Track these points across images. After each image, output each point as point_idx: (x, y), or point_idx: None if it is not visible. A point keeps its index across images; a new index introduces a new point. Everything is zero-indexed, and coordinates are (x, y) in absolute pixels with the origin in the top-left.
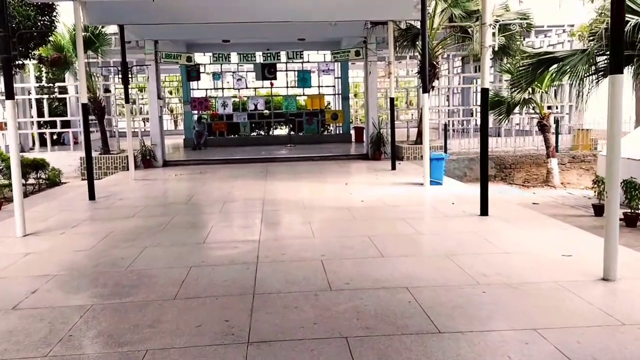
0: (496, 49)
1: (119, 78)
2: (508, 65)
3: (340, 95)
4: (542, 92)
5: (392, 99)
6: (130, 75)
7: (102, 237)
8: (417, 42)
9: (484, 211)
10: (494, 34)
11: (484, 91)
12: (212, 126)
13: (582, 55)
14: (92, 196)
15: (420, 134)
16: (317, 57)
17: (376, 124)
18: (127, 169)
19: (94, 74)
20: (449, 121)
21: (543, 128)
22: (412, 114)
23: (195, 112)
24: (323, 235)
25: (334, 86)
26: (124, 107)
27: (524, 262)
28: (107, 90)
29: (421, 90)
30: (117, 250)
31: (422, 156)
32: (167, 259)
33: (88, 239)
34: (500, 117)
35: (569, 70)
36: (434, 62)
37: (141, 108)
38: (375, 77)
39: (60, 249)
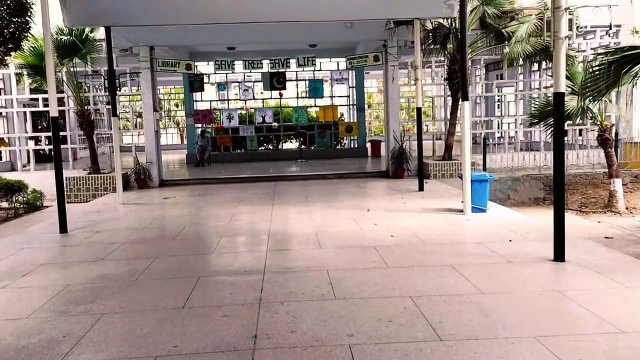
0: (574, 39)
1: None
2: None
3: (354, 106)
4: (604, 99)
5: (419, 109)
6: (118, 86)
7: (53, 295)
8: (448, 43)
9: (559, 255)
10: (570, 22)
11: (559, 96)
12: (217, 140)
13: None
14: (63, 228)
15: (448, 148)
16: (329, 65)
17: (398, 136)
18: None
19: (84, 84)
20: (480, 134)
21: (605, 142)
22: (428, 126)
23: (199, 125)
24: (347, 294)
25: (348, 96)
26: (128, 120)
27: None
28: (109, 102)
29: (449, 98)
30: (63, 320)
31: (451, 174)
32: (124, 339)
33: (34, 296)
34: (550, 128)
35: None
36: None
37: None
38: (397, 84)
39: None
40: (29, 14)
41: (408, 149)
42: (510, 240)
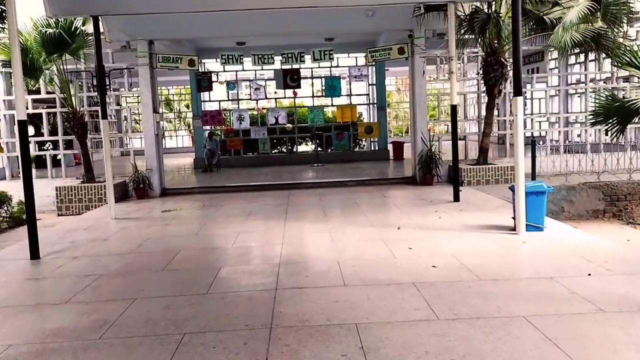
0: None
1: (108, 87)
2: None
3: (375, 105)
4: None
5: (454, 107)
6: (109, 84)
7: None
8: (487, 31)
9: None
10: None
11: None
12: (227, 143)
13: None
14: (34, 254)
15: (483, 151)
16: (347, 61)
17: (426, 138)
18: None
19: (70, 81)
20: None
21: None
22: (445, 126)
23: (207, 127)
24: None
25: (368, 94)
26: (137, 122)
27: None
28: (118, 103)
29: (486, 94)
30: None
31: (487, 181)
32: None
33: None
34: (616, 127)
35: None
36: (501, 59)
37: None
38: (425, 79)
39: None
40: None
41: (437, 152)
42: (589, 275)
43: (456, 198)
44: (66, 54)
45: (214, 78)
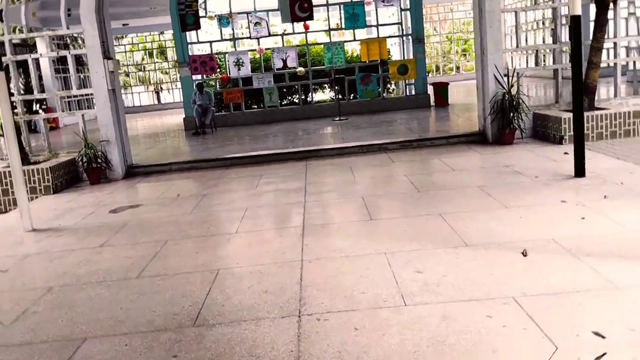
0: None
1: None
2: None
3: (409, 38)
4: None
5: (576, 19)
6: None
7: None
8: None
9: None
10: None
11: None
12: (223, 96)
13: None
14: None
15: (589, 90)
16: None
17: (501, 75)
18: (55, 190)
19: None
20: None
21: None
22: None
23: (197, 77)
24: None
25: (400, 23)
26: (127, 74)
27: None
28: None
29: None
30: None
31: (598, 135)
32: None
33: None
34: None
35: None
36: None
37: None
38: None
39: None
40: None
41: (518, 96)
42: None
43: (579, 172)
44: None
45: (201, 12)
